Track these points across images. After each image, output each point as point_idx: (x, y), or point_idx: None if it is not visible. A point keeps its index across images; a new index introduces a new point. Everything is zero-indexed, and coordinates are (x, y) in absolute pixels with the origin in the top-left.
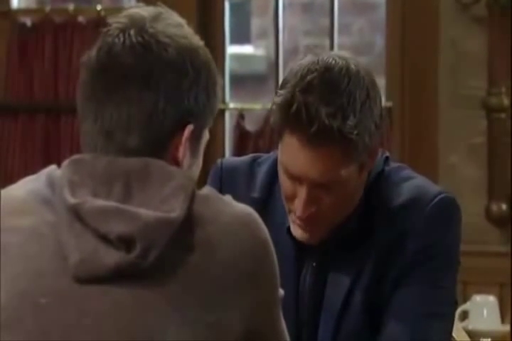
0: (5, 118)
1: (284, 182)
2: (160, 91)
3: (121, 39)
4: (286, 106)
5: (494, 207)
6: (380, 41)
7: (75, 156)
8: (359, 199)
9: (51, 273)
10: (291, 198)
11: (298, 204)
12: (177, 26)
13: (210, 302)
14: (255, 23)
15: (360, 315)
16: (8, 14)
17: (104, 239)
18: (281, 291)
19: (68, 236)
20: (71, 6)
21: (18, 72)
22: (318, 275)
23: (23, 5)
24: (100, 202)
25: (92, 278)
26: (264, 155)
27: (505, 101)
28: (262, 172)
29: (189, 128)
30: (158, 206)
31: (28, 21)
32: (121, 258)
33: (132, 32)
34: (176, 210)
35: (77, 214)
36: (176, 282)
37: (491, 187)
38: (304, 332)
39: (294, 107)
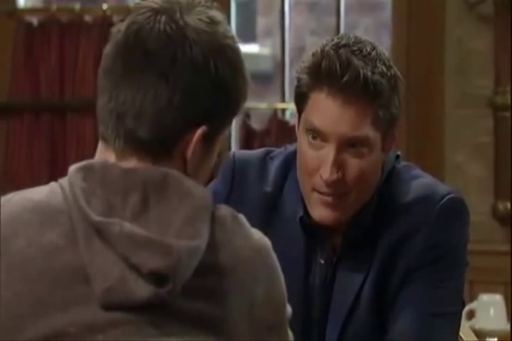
0: (11, 117)
1: (307, 153)
2: (176, 88)
3: (151, 23)
4: (317, 63)
5: (500, 206)
6: (386, 40)
7: (83, 163)
8: (373, 193)
9: (76, 304)
10: (315, 171)
11: (325, 168)
12: (209, 23)
13: (226, 327)
14: (261, 22)
15: (367, 313)
16: (15, 13)
17: (133, 267)
18: (289, 309)
19: (89, 253)
20: (77, 5)
21: (24, 71)
22: (326, 274)
23: (30, 4)
24: (130, 228)
25: (118, 306)
26: (277, 150)
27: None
28: (274, 166)
29: (202, 129)
30: (181, 228)
31: (34, 20)
32: (153, 292)
33: (163, 19)
34: (202, 236)
35: (98, 231)
36: (195, 307)
37: (497, 186)
38: (313, 331)
39: (327, 61)
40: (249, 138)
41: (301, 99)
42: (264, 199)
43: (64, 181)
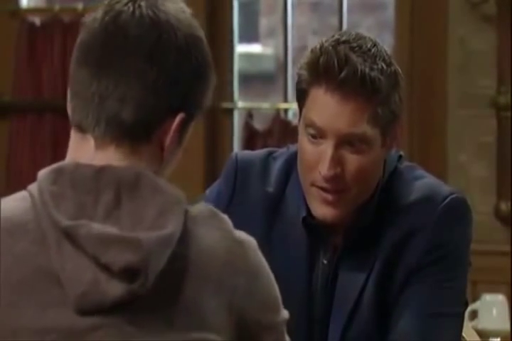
0: (13, 117)
1: (307, 148)
2: (161, 71)
3: (131, 8)
4: (316, 60)
5: (503, 206)
6: (388, 40)
7: (54, 165)
8: (374, 191)
9: (52, 306)
10: (314, 167)
11: (323, 163)
12: (185, 12)
13: (205, 317)
14: (264, 22)
15: (370, 313)
16: (17, 13)
17: (104, 267)
18: (285, 312)
19: (60, 257)
20: (80, 5)
21: (26, 71)
22: (329, 274)
23: (32, 4)
24: (97, 228)
25: (95, 310)
26: (279, 150)
27: None
28: (276, 166)
29: (181, 116)
30: (152, 221)
31: (36, 20)
32: (125, 289)
33: (143, 4)
34: (172, 225)
35: (68, 235)
36: (173, 302)
37: (500, 186)
38: (315, 330)
39: (325, 57)
40: (251, 139)
41: (301, 96)
42: (266, 200)
43: (33, 187)
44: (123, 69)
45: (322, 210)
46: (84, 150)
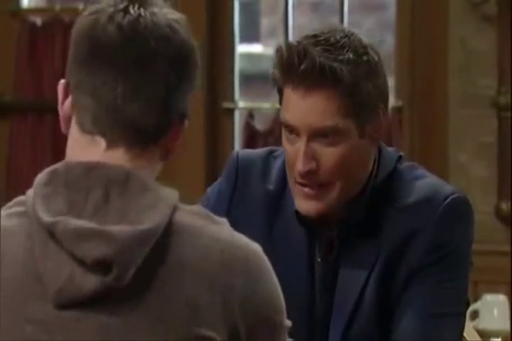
0: (14, 117)
1: (287, 148)
2: (181, 77)
3: (146, 14)
4: (280, 57)
5: (503, 206)
6: (389, 40)
7: (48, 168)
8: (364, 186)
9: (33, 300)
10: (294, 164)
11: (298, 159)
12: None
13: (198, 317)
14: (264, 22)
15: (371, 313)
16: (18, 13)
17: (80, 262)
18: (288, 322)
19: (43, 257)
20: (80, 5)
21: (27, 71)
22: (326, 273)
23: (33, 4)
24: (74, 223)
25: (72, 303)
26: (280, 149)
27: None
28: (277, 165)
29: (186, 123)
30: (136, 216)
31: (37, 20)
32: (98, 282)
33: (154, 10)
34: (151, 221)
35: (51, 233)
36: (159, 296)
37: (501, 186)
38: (317, 329)
39: (287, 53)
40: (252, 139)
41: (279, 95)
42: (267, 198)
43: (29, 191)
44: (145, 75)
45: (306, 205)
46: (90, 151)
